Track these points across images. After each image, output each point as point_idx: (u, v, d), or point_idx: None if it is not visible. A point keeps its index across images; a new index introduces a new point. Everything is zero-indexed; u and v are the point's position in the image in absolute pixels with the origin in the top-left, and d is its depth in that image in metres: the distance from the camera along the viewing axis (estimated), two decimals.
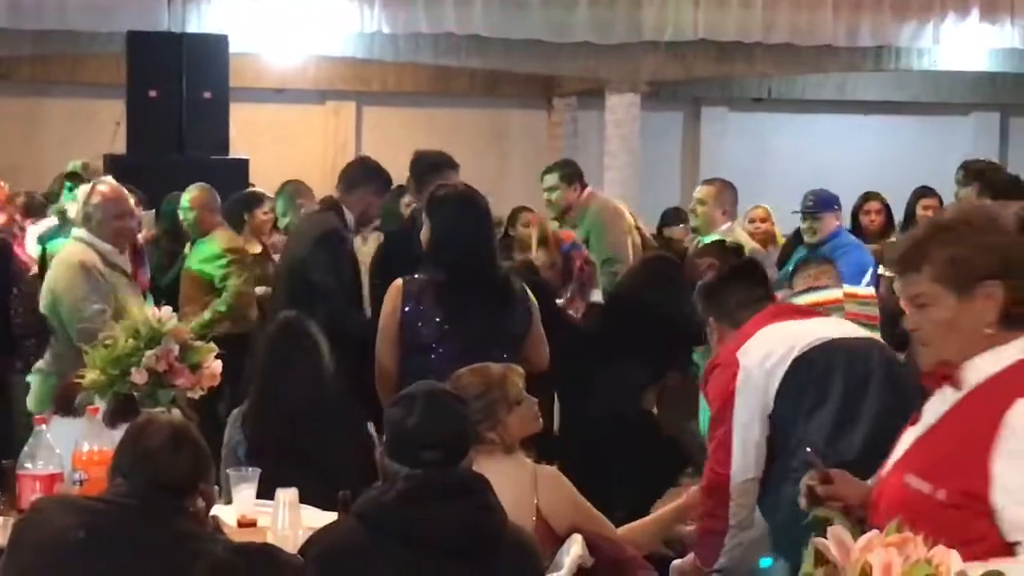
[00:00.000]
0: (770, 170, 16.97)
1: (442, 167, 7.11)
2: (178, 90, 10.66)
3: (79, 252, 6.35)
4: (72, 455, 4.42)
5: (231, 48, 11.32)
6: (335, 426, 5.16)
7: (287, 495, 4.28)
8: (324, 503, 4.45)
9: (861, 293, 6.56)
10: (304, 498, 4.35)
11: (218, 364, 5.17)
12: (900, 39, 15.68)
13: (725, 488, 4.55)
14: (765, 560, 4.44)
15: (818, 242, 7.94)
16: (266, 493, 4.47)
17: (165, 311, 5.16)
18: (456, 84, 17.02)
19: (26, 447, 4.42)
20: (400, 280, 5.68)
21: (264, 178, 10.66)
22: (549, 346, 5.80)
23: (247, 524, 4.48)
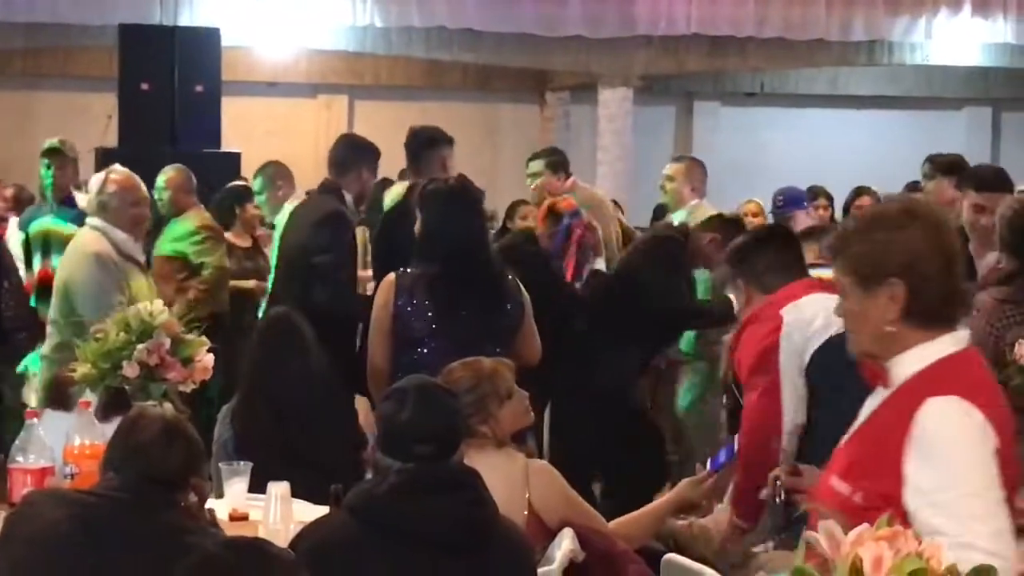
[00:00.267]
0: (763, 165, 16.97)
1: (438, 142, 7.11)
2: (170, 83, 10.62)
3: (93, 242, 6.33)
4: (63, 449, 4.42)
5: (223, 41, 11.28)
6: (325, 420, 5.16)
7: (279, 489, 4.28)
8: (315, 497, 4.45)
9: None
10: (295, 492, 4.35)
11: (210, 358, 5.16)
12: (893, 33, 15.70)
13: (770, 435, 4.53)
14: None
15: None
16: (257, 487, 4.47)
17: (157, 304, 5.16)
18: (448, 78, 17.00)
19: (17, 441, 4.42)
20: (393, 274, 5.69)
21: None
22: (546, 314, 5.81)
23: (239, 518, 4.48)
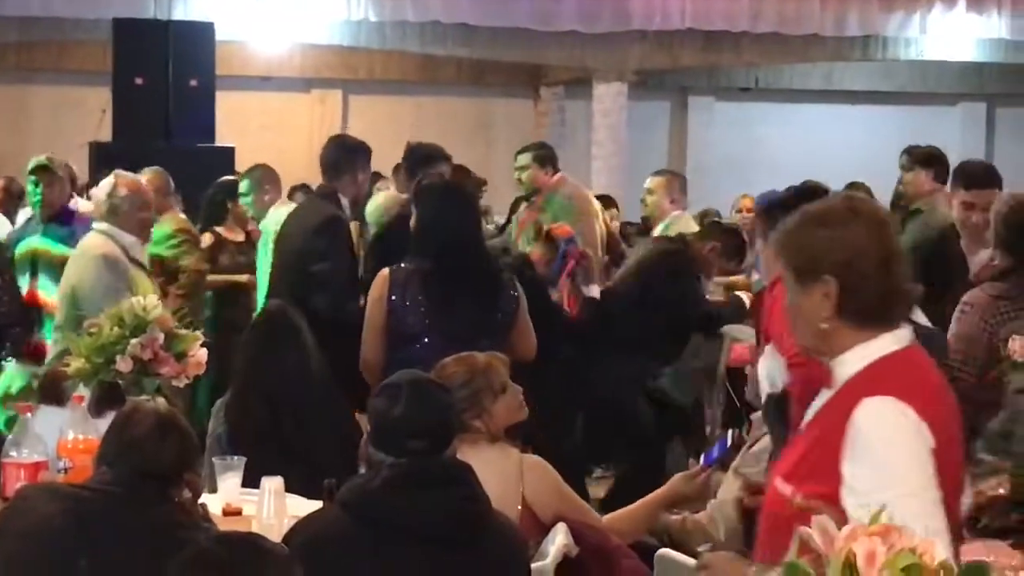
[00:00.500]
0: (757, 160, 16.99)
1: (436, 159, 7.15)
2: (164, 78, 10.62)
3: (101, 245, 6.34)
4: (57, 443, 4.41)
5: (217, 36, 11.29)
6: (319, 415, 5.16)
7: (272, 483, 4.28)
8: (309, 492, 4.44)
9: None
10: (288, 487, 4.35)
11: (203, 352, 5.16)
12: (887, 29, 15.71)
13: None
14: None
15: None
16: (250, 482, 4.47)
17: (150, 300, 5.15)
18: (443, 73, 17.00)
19: (11, 435, 4.42)
20: (387, 269, 5.69)
21: (250, 166, 10.62)
22: (539, 342, 5.81)
23: (232, 512, 4.48)
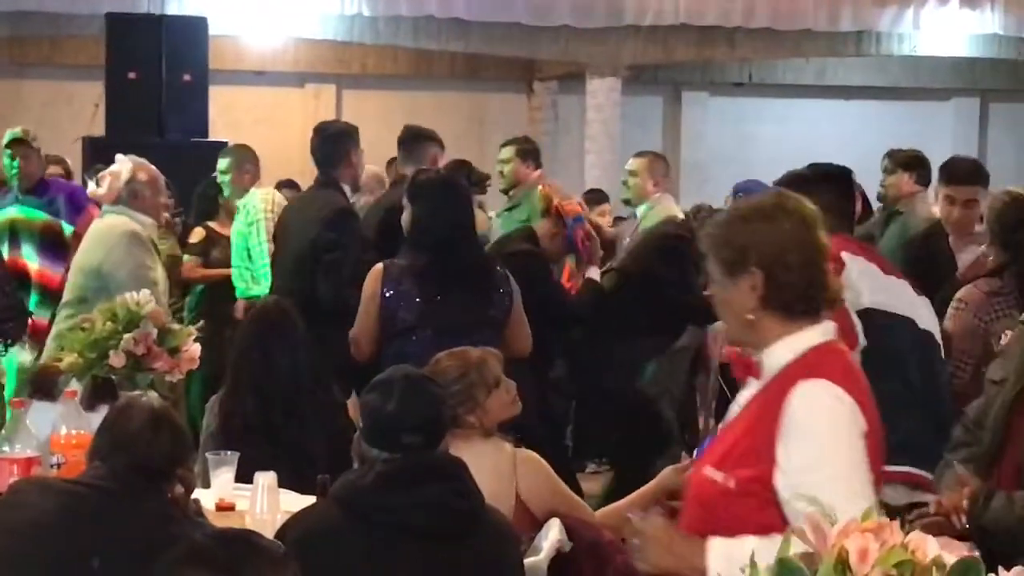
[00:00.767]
0: (751, 155, 16.98)
1: (430, 139, 7.27)
2: (157, 72, 10.60)
3: (125, 223, 6.37)
4: (50, 438, 4.41)
5: (211, 30, 11.26)
6: (313, 410, 5.16)
7: (266, 479, 4.27)
8: (301, 487, 4.44)
9: None
10: (282, 482, 4.35)
11: (196, 347, 5.16)
12: (880, 24, 15.71)
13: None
14: None
15: None
16: (244, 476, 4.47)
17: (143, 294, 5.15)
18: (436, 68, 16.99)
19: (3, 430, 4.41)
20: (381, 264, 5.69)
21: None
22: (542, 317, 5.82)
23: (225, 508, 4.47)
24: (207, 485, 4.59)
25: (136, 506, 3.51)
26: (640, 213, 8.10)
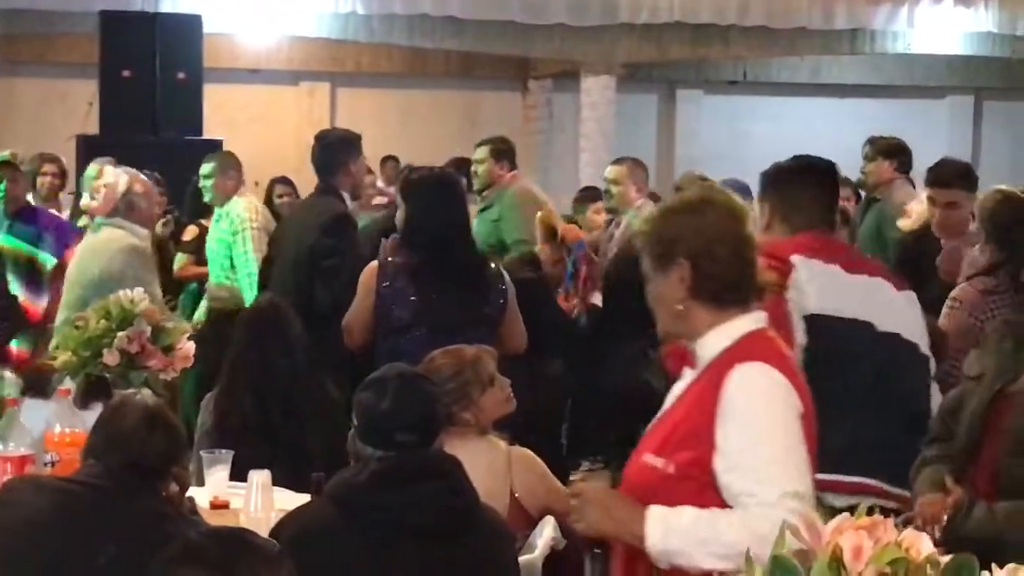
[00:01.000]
0: (745, 153, 16.95)
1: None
2: (152, 70, 10.59)
3: (124, 236, 6.35)
4: (44, 436, 4.41)
5: (205, 28, 11.26)
6: (307, 408, 5.16)
7: (260, 477, 4.27)
8: (295, 485, 4.44)
9: None
10: (276, 480, 4.35)
11: (191, 346, 5.16)
12: (875, 22, 15.72)
13: None
14: None
15: None
16: (242, 476, 4.47)
17: (137, 292, 5.14)
18: (431, 66, 16.98)
19: None
20: (375, 262, 5.69)
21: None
22: (540, 343, 5.83)
23: (220, 506, 4.48)
24: (201, 483, 4.59)
25: (130, 504, 3.51)
26: (625, 223, 8.04)
